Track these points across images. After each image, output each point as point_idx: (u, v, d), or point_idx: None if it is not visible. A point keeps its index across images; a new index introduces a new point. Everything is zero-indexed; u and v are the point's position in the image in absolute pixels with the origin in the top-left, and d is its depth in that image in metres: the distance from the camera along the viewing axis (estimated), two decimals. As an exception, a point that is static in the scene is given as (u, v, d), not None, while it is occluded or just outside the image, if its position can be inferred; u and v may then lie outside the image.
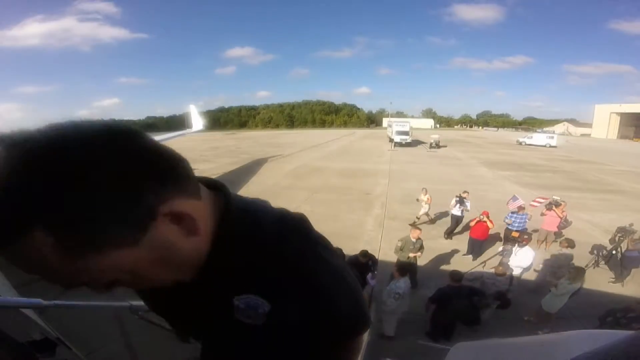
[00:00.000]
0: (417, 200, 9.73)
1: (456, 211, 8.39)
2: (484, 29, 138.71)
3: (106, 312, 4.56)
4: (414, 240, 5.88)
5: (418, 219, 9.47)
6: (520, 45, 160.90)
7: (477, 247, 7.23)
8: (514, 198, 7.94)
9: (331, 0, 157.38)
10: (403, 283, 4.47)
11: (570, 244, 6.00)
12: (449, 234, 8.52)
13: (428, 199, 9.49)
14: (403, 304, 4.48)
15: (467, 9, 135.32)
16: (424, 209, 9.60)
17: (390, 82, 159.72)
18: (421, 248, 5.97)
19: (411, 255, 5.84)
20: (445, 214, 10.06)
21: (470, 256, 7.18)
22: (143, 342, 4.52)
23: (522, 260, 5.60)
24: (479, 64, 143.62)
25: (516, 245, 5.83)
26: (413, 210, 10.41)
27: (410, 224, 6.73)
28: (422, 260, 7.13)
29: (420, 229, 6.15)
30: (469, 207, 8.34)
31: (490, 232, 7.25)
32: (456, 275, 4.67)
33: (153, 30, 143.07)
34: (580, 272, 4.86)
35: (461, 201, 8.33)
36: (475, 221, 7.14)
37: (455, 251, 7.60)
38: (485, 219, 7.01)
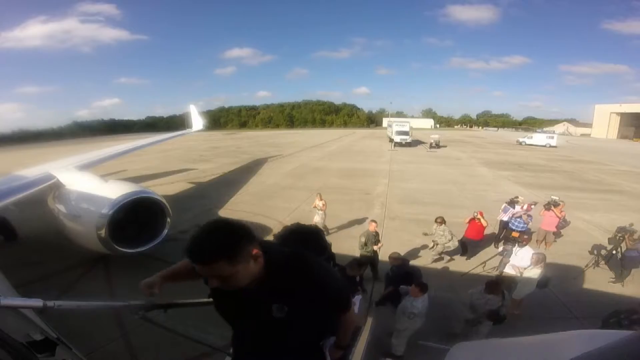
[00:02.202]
0: (314, 206, 8.59)
1: (504, 217, 7.89)
2: (480, 29, 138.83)
3: (106, 312, 4.57)
4: (373, 233, 6.05)
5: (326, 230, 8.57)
6: (517, 45, 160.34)
7: (471, 247, 7.20)
8: (512, 203, 7.99)
9: (327, 2, 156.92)
10: (420, 303, 4.13)
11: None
12: (497, 240, 7.96)
13: (323, 205, 8.39)
14: (416, 323, 4.19)
15: (462, 9, 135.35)
16: (319, 216, 8.39)
17: (389, 82, 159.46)
18: (378, 240, 6.14)
19: (375, 248, 6.02)
20: (355, 222, 9.39)
21: (469, 256, 7.17)
22: (143, 342, 4.52)
23: (522, 260, 5.59)
24: (477, 64, 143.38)
25: (516, 245, 5.82)
26: (413, 210, 10.42)
27: (372, 220, 6.52)
28: (422, 260, 7.15)
29: (376, 222, 6.43)
30: (517, 216, 7.68)
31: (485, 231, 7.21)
32: (395, 256, 5.26)
33: (153, 32, 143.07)
34: (540, 257, 5.10)
35: (512, 206, 7.89)
36: (469, 220, 7.12)
37: (455, 251, 7.59)
38: (479, 217, 7.01)
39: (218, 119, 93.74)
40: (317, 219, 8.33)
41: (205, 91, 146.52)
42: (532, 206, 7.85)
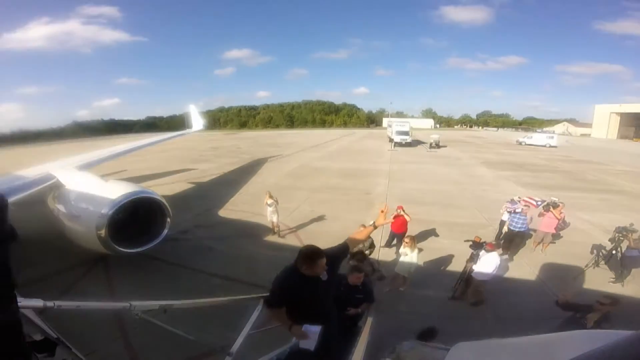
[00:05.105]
0: (266, 204, 8.45)
1: (505, 217, 7.85)
2: (477, 30, 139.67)
3: (106, 312, 4.57)
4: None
5: (275, 228, 8.62)
6: (515, 45, 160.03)
7: (397, 240, 7.25)
8: (513, 202, 7.92)
9: (324, 3, 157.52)
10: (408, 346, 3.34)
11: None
12: (497, 239, 7.85)
13: (272, 202, 8.36)
14: None
15: (458, 10, 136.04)
16: (272, 213, 8.38)
17: (388, 83, 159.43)
18: (371, 246, 5.94)
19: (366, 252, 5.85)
20: (355, 222, 8.60)
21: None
22: (143, 342, 4.52)
23: (485, 266, 5.40)
24: (475, 65, 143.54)
25: (482, 250, 5.55)
26: (413, 210, 10.35)
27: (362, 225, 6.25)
28: (421, 259, 7.15)
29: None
30: (519, 210, 7.55)
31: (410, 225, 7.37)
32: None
33: (153, 33, 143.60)
34: (412, 239, 5.92)
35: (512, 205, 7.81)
36: (393, 216, 7.24)
37: (452, 251, 7.60)
38: (402, 212, 7.14)
39: (218, 119, 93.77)
40: (274, 218, 8.49)
41: (205, 91, 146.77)
42: (537, 201, 7.82)
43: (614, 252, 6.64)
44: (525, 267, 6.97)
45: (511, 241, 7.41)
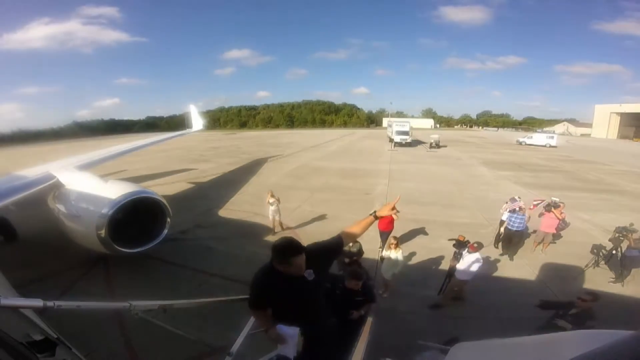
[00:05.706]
0: (268, 202, 8.58)
1: (505, 216, 7.79)
2: (476, 30, 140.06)
3: (106, 312, 4.57)
4: (350, 243, 5.44)
5: (276, 227, 8.77)
6: (515, 45, 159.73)
7: (386, 238, 7.07)
8: (513, 200, 7.90)
9: (324, 3, 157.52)
10: (429, 357, 2.95)
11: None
12: (497, 240, 7.94)
13: (274, 201, 8.49)
14: None
15: (456, 11, 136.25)
16: (275, 212, 8.55)
17: (388, 83, 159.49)
18: (359, 252, 5.68)
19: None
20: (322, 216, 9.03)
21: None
22: (143, 342, 4.53)
23: (466, 266, 5.36)
24: (475, 65, 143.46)
25: (465, 250, 5.49)
26: (413, 210, 10.40)
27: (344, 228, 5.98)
28: (421, 259, 7.16)
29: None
30: (517, 209, 7.51)
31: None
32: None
33: (153, 34, 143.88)
34: (397, 241, 5.88)
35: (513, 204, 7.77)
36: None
37: (451, 251, 7.58)
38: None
39: (218, 119, 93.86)
40: (276, 216, 8.63)
41: (205, 91, 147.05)
42: (536, 201, 7.83)
43: (614, 252, 6.64)
44: (525, 267, 6.97)
45: (510, 241, 7.42)
